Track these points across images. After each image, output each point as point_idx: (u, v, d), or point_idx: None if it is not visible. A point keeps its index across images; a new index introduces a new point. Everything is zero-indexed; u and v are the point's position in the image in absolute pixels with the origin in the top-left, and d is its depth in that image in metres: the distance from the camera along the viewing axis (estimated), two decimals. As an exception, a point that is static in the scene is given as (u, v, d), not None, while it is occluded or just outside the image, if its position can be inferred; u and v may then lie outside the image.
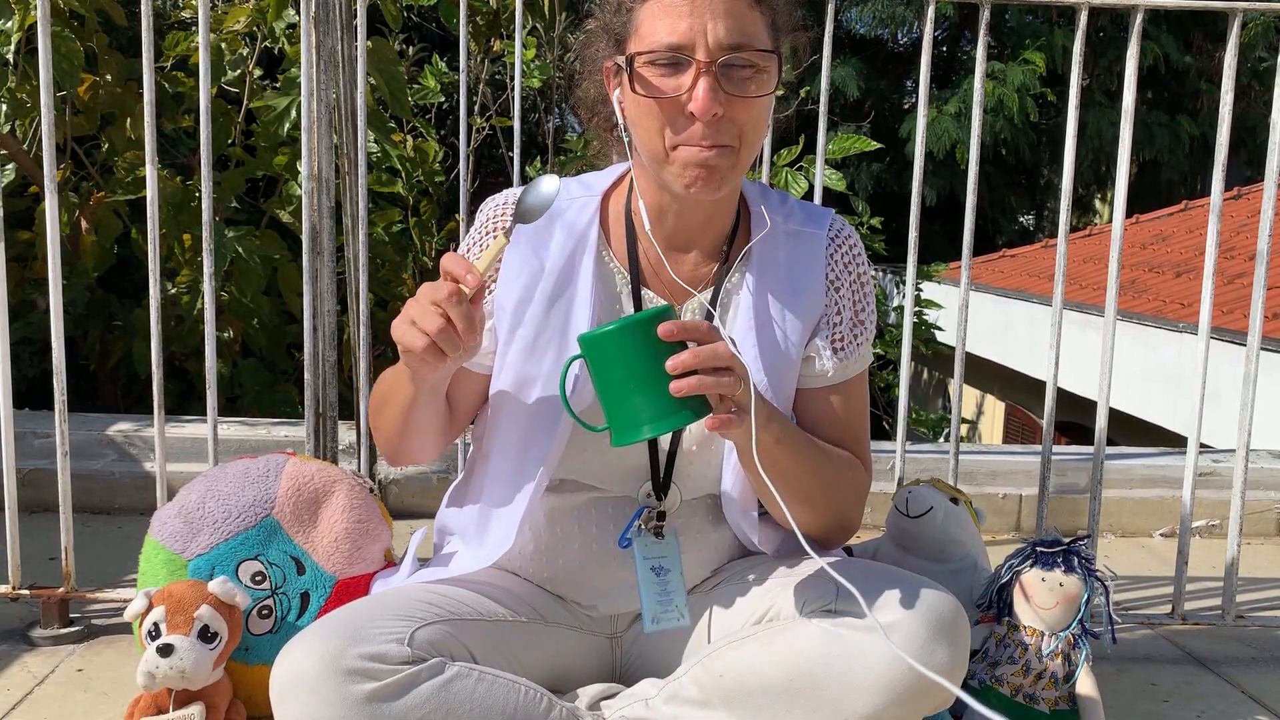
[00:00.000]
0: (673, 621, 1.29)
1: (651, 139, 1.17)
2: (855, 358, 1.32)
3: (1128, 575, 2.30)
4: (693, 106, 1.13)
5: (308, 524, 1.52)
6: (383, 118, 3.37)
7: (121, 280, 3.95)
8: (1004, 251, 11.41)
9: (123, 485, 2.48)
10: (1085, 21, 1.81)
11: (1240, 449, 1.84)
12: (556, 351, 1.24)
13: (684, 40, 1.12)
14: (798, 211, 1.33)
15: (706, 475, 1.30)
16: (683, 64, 1.13)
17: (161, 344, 1.78)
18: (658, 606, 1.29)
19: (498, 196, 1.32)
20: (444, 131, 4.82)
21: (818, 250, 1.30)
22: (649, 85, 1.15)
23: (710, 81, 1.12)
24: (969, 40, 12.97)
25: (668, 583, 1.29)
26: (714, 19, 1.12)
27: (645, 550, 1.29)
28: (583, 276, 1.26)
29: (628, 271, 1.28)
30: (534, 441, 1.25)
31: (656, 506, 1.30)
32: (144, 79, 1.73)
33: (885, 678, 1.11)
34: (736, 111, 1.14)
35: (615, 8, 1.20)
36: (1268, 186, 1.80)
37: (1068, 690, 1.47)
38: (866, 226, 4.48)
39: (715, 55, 1.12)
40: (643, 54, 1.14)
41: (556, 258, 1.26)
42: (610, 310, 1.28)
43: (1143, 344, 7.07)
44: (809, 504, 1.25)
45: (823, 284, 1.29)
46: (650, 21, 1.14)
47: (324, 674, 1.07)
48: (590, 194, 1.30)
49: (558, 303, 1.25)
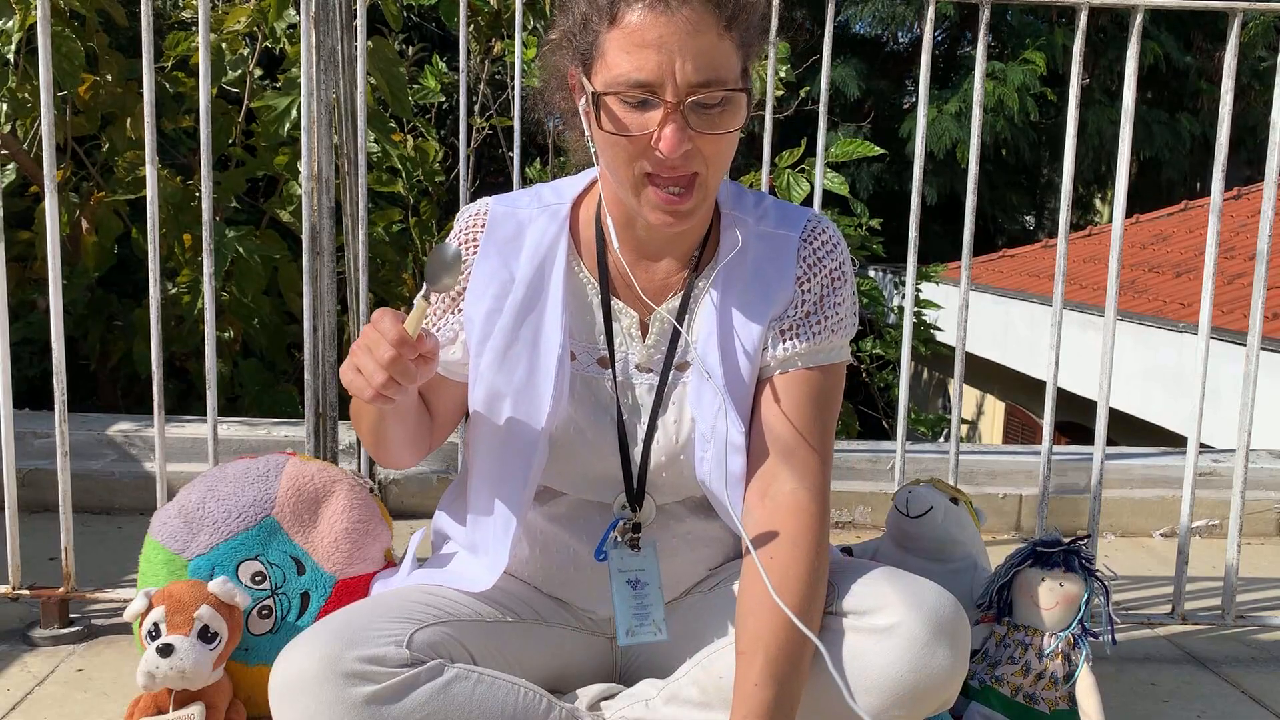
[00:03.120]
0: (649, 636, 1.26)
1: (620, 169, 1.14)
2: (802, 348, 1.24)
3: (1128, 575, 2.30)
4: (661, 146, 1.10)
5: (308, 524, 1.52)
6: (383, 118, 3.37)
7: (121, 280, 3.95)
8: (1004, 251, 11.41)
9: (123, 485, 2.48)
10: (1085, 21, 1.81)
11: (1240, 449, 1.84)
12: (528, 364, 1.23)
13: (652, 78, 1.08)
14: (771, 213, 1.29)
15: (681, 483, 1.29)
16: (650, 103, 1.09)
17: (161, 344, 1.78)
18: (633, 620, 1.26)
19: (472, 206, 1.30)
20: (444, 131, 4.82)
21: (788, 251, 1.26)
22: (617, 121, 1.11)
23: (679, 122, 1.09)
24: (969, 40, 12.96)
25: (644, 596, 1.27)
26: (683, 56, 1.07)
27: (621, 563, 1.27)
28: (553, 288, 1.24)
29: (598, 282, 1.26)
30: (511, 459, 1.24)
31: (631, 518, 1.28)
32: (144, 79, 1.74)
33: (886, 679, 1.11)
34: (704, 145, 1.12)
35: (581, 22, 1.14)
36: (1268, 186, 1.80)
37: (1068, 690, 1.47)
38: (865, 228, 4.48)
39: (683, 94, 1.08)
40: (610, 92, 1.10)
41: (526, 268, 1.25)
42: (582, 321, 1.26)
43: (1143, 344, 7.07)
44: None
45: (791, 285, 1.25)
46: (617, 54, 1.09)
47: (323, 677, 1.07)
48: (560, 201, 1.28)
49: (529, 315, 1.24)
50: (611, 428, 1.26)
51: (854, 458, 2.67)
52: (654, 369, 1.27)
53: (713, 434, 1.22)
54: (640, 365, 1.27)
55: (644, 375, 1.27)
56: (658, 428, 1.26)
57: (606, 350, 1.26)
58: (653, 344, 1.27)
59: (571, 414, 1.25)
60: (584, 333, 1.27)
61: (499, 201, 1.29)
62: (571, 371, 1.25)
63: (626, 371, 1.27)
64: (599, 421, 1.26)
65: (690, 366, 1.26)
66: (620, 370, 1.27)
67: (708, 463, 1.23)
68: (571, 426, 1.25)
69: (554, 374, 1.21)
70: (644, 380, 1.27)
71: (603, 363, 1.27)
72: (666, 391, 1.26)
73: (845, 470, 2.64)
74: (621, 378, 1.27)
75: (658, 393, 1.26)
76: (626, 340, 1.27)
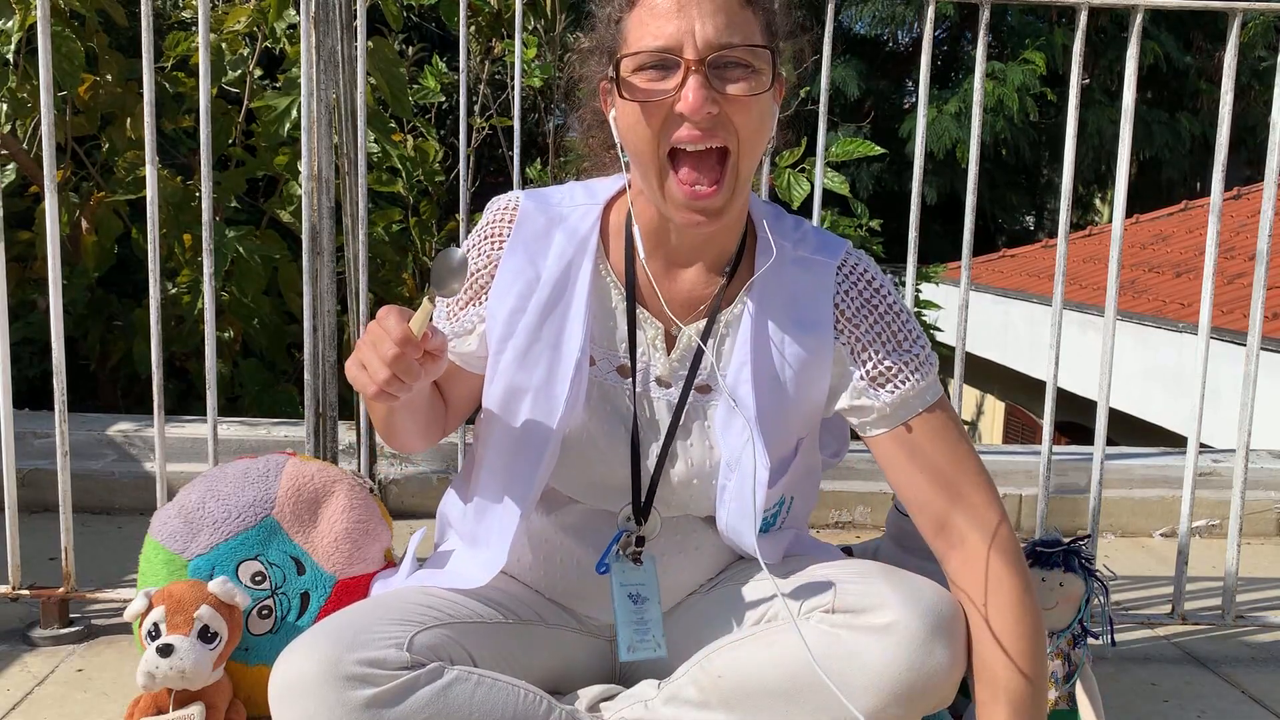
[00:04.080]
0: (649, 652, 1.24)
1: (644, 147, 1.12)
2: (912, 390, 1.22)
3: (1128, 575, 2.30)
4: (681, 106, 1.08)
5: (308, 524, 1.52)
6: (383, 118, 3.37)
7: (121, 280, 3.94)
8: (1004, 251, 11.41)
9: (123, 485, 2.48)
10: (1085, 21, 1.81)
11: (1240, 449, 1.84)
12: (548, 364, 1.21)
13: (670, 42, 1.08)
14: (811, 238, 1.26)
15: (693, 503, 1.27)
16: (671, 66, 1.09)
17: (161, 344, 1.78)
18: (634, 635, 1.24)
19: (502, 198, 1.28)
20: (444, 131, 4.82)
21: (826, 279, 1.23)
22: (637, 90, 1.10)
23: (700, 79, 1.07)
24: (969, 40, 12.96)
25: (644, 612, 1.25)
26: (702, 19, 1.08)
27: (622, 576, 1.26)
28: (579, 289, 1.22)
29: (624, 287, 1.25)
30: (523, 457, 1.23)
31: (635, 531, 1.27)
32: (144, 79, 1.73)
33: (884, 678, 1.11)
34: (732, 112, 1.09)
35: (606, 21, 1.16)
36: (1268, 186, 1.80)
37: (1068, 690, 1.47)
38: (865, 228, 4.48)
39: (704, 54, 1.08)
40: (629, 57, 1.10)
41: (554, 267, 1.23)
42: (605, 327, 1.25)
43: (1143, 344, 7.07)
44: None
45: (830, 315, 1.22)
46: (637, 28, 1.11)
47: (323, 679, 1.07)
48: (593, 201, 1.26)
49: (552, 314, 1.22)
50: (625, 439, 1.24)
51: (854, 458, 2.66)
52: (675, 384, 1.24)
53: (738, 464, 1.20)
54: (661, 379, 1.25)
55: (664, 390, 1.25)
56: (676, 451, 1.24)
57: (628, 359, 1.24)
58: (677, 359, 1.24)
59: (586, 420, 1.23)
60: (605, 338, 1.25)
61: (530, 197, 1.27)
62: (590, 377, 1.23)
63: (646, 384, 1.25)
64: (613, 431, 1.24)
65: (712, 390, 1.24)
66: (640, 381, 1.24)
67: (729, 492, 1.22)
68: (585, 433, 1.24)
69: (570, 377, 1.19)
70: (663, 395, 1.25)
71: (623, 371, 1.25)
72: (687, 411, 1.24)
73: (845, 470, 2.64)
74: (640, 389, 1.24)
75: (676, 410, 1.24)
76: (650, 351, 1.24)
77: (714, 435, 1.23)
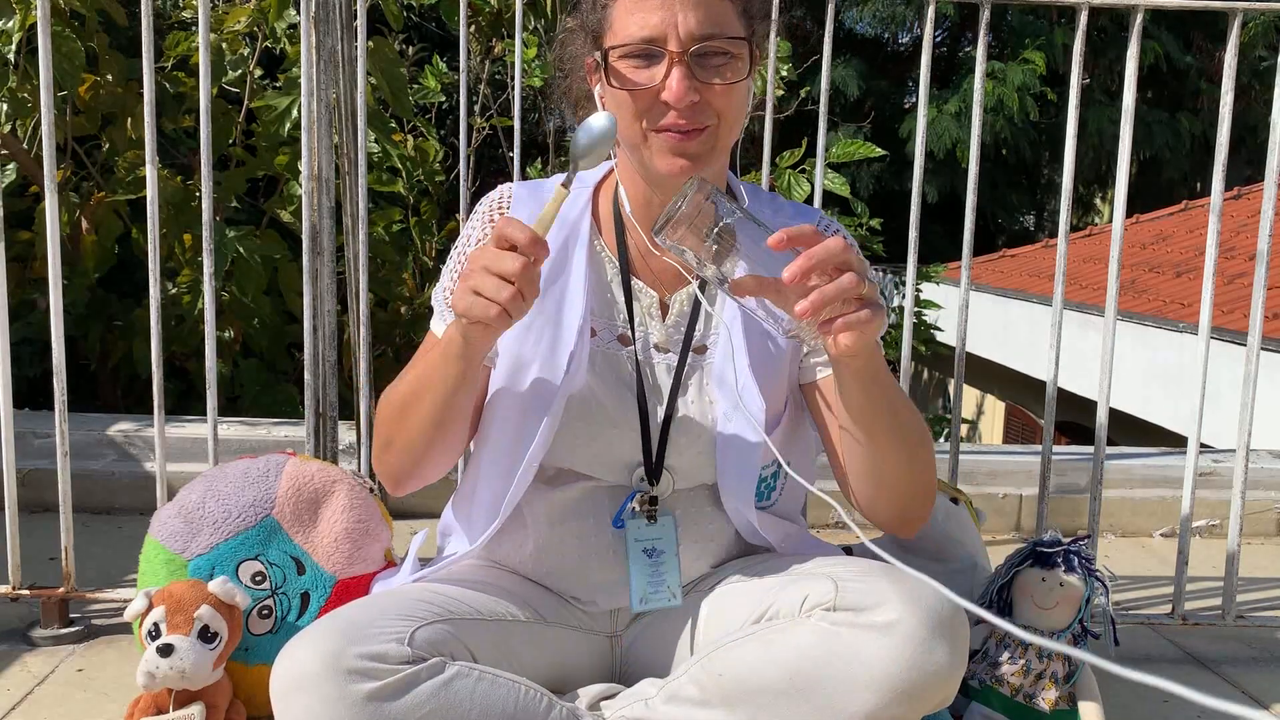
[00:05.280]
0: (663, 602, 1.29)
1: (630, 127, 1.19)
2: None
3: (1128, 575, 2.30)
4: (667, 96, 1.16)
5: (308, 524, 1.52)
6: (383, 117, 3.37)
7: (122, 280, 3.94)
8: (1004, 251, 11.41)
9: (123, 485, 2.48)
10: (1085, 21, 1.81)
11: (1240, 449, 1.84)
12: (551, 337, 1.26)
13: (655, 33, 1.15)
14: (786, 209, 1.37)
15: (698, 464, 1.31)
16: (656, 55, 1.16)
17: (161, 344, 1.78)
18: (647, 587, 1.29)
19: (493, 192, 1.36)
20: (444, 131, 4.82)
21: None
22: (624, 78, 1.18)
23: (683, 70, 1.15)
24: (969, 40, 12.96)
25: (660, 564, 1.30)
26: (684, 10, 1.15)
27: (638, 533, 1.30)
28: (576, 265, 1.29)
29: (618, 260, 1.31)
30: (529, 424, 1.26)
31: (649, 491, 1.30)
32: (144, 79, 1.74)
33: (885, 676, 1.11)
34: (713, 98, 1.17)
35: (591, 4, 1.23)
36: (1268, 186, 1.80)
37: (1068, 690, 1.47)
38: (866, 228, 4.48)
39: (687, 45, 1.15)
40: (616, 48, 1.17)
41: (551, 246, 1.27)
42: (603, 300, 1.31)
43: (1143, 344, 7.08)
44: (891, 465, 1.24)
45: None
46: (623, 17, 1.18)
47: (324, 674, 1.07)
48: (582, 186, 1.34)
49: (552, 289, 1.28)
50: (633, 402, 1.29)
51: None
52: (673, 349, 1.31)
53: (734, 413, 1.26)
54: (659, 345, 1.31)
55: (662, 355, 1.31)
56: (678, 408, 1.29)
57: (627, 328, 1.30)
58: (672, 324, 1.31)
59: (592, 387, 1.28)
60: (604, 310, 1.31)
61: (521, 185, 1.36)
62: (592, 347, 1.28)
63: (646, 350, 1.31)
64: (620, 396, 1.29)
65: (708, 350, 1.30)
66: (640, 349, 1.30)
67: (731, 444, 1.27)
68: (593, 400, 1.28)
69: (573, 345, 1.24)
70: (662, 360, 1.31)
71: (623, 340, 1.31)
72: (685, 373, 1.30)
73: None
74: (641, 356, 1.30)
75: (676, 373, 1.30)
76: (646, 319, 1.31)
77: (712, 390, 1.30)
